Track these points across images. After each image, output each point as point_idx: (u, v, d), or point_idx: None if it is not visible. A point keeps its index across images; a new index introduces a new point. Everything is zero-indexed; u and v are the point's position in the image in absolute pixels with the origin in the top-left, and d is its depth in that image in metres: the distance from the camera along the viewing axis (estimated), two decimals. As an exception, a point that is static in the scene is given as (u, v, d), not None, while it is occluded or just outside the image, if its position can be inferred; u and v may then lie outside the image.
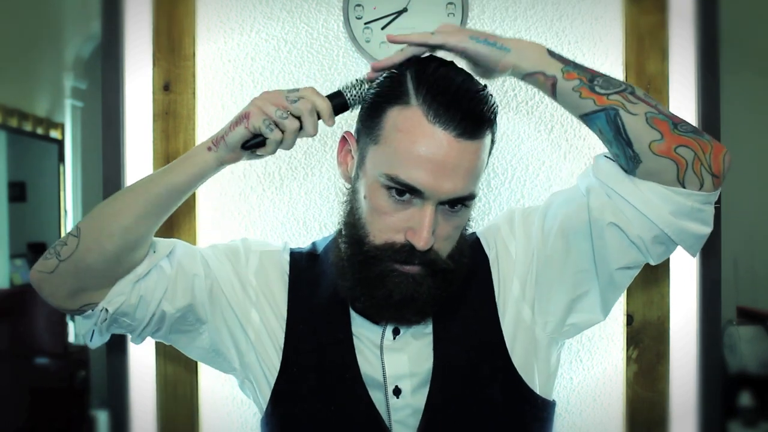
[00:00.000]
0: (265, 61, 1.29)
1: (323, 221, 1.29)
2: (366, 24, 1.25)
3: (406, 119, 0.86)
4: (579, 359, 1.29)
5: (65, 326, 3.37)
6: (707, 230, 0.90)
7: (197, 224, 1.27)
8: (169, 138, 1.27)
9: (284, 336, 0.98)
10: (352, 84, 0.92)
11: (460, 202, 0.88)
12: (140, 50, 1.28)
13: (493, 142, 0.93)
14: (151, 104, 1.27)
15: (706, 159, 0.86)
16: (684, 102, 1.28)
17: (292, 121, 0.88)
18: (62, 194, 4.10)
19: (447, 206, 0.88)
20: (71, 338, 3.79)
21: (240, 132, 0.88)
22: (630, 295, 1.28)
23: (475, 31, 0.91)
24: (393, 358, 0.95)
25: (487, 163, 0.92)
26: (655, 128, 0.86)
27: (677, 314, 1.28)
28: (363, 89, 0.92)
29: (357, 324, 0.97)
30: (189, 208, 1.27)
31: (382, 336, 0.96)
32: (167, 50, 1.27)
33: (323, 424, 0.96)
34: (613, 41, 1.29)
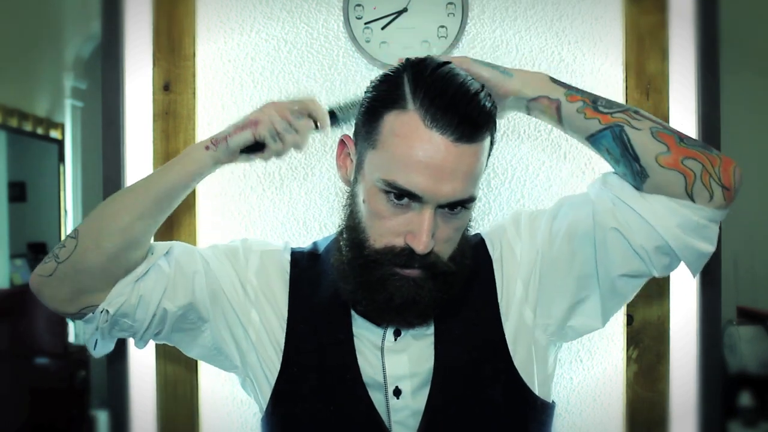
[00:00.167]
0: (265, 61, 1.29)
1: (323, 221, 1.29)
2: (366, 24, 1.25)
3: (404, 124, 0.86)
4: (579, 359, 1.29)
5: (65, 326, 3.37)
6: (710, 249, 0.90)
7: (197, 224, 1.27)
8: (169, 138, 1.27)
9: (285, 336, 0.98)
10: (345, 106, 0.97)
11: (460, 205, 0.88)
12: (140, 50, 1.28)
13: (493, 143, 0.92)
14: (151, 104, 1.27)
15: (716, 171, 0.87)
16: (684, 102, 1.28)
17: (294, 137, 0.93)
18: (62, 194, 4.10)
19: (446, 209, 0.87)
20: (71, 338, 3.79)
21: (245, 137, 0.92)
22: (630, 295, 1.28)
23: (479, 60, 0.94)
24: (393, 359, 0.95)
25: (487, 164, 0.92)
26: (661, 141, 0.87)
27: (677, 314, 1.28)
28: (351, 111, 0.97)
29: (358, 325, 0.97)
30: (189, 208, 1.27)
31: (383, 337, 0.96)
32: (167, 50, 1.27)
33: (323, 424, 0.95)
34: (613, 41, 1.29)
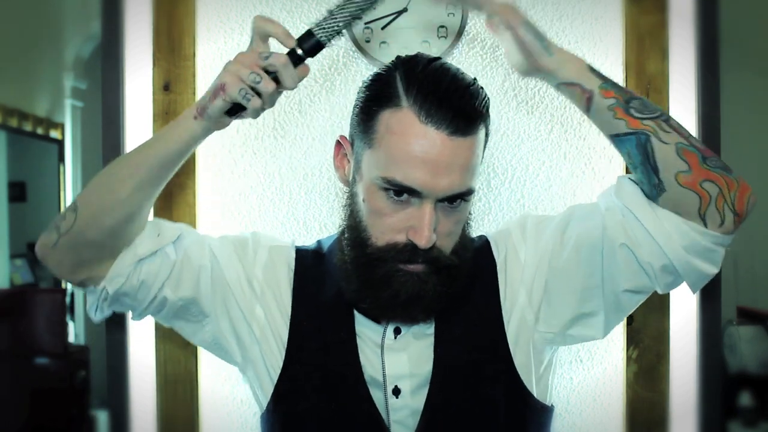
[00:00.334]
0: (265, 61, 1.29)
1: (323, 221, 1.29)
2: (366, 24, 1.25)
3: (399, 121, 0.86)
4: (579, 359, 1.29)
5: (65, 326, 3.37)
6: (714, 271, 0.90)
7: (197, 224, 1.27)
8: (169, 138, 1.26)
9: (288, 333, 0.98)
10: (320, 21, 0.88)
11: (459, 198, 0.89)
12: (140, 50, 1.28)
13: (488, 135, 0.93)
14: (151, 104, 1.27)
15: (731, 197, 0.86)
16: (684, 102, 1.28)
17: (267, 83, 0.85)
18: (62, 194, 4.10)
19: (446, 203, 0.88)
20: (71, 338, 3.79)
21: (218, 105, 0.86)
22: (630, 295, 1.28)
23: (530, 22, 0.90)
24: (393, 358, 0.96)
25: (483, 157, 0.93)
26: (684, 159, 0.85)
27: (677, 314, 1.28)
28: (334, 20, 0.87)
29: (359, 323, 0.97)
30: (189, 208, 1.27)
31: (383, 335, 0.96)
32: (167, 50, 1.27)
33: (324, 422, 0.96)
34: (613, 41, 1.28)
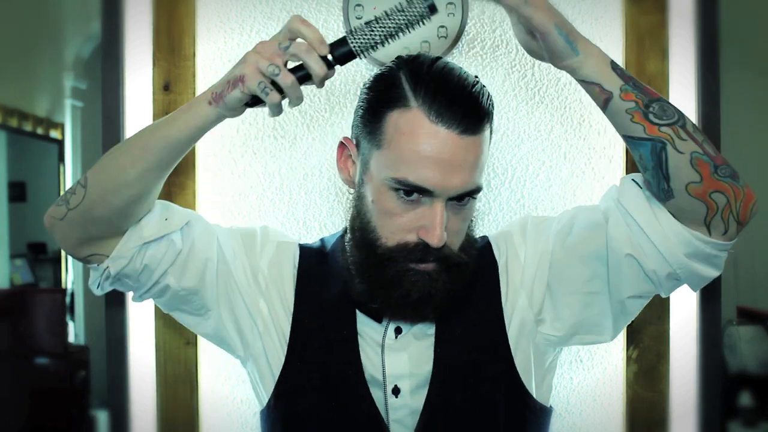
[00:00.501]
0: (265, 61, 1.28)
1: (323, 221, 1.29)
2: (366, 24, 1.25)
3: (408, 122, 0.86)
4: (579, 359, 1.29)
5: (65, 326, 3.37)
6: (717, 274, 0.90)
7: (197, 224, 1.27)
8: (169, 138, 1.26)
9: (290, 329, 0.99)
10: (359, 28, 0.86)
11: (468, 196, 0.89)
12: (140, 50, 1.28)
13: (492, 132, 0.93)
14: (151, 104, 1.27)
15: (736, 206, 0.85)
16: (684, 102, 1.28)
17: (286, 76, 0.83)
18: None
19: (455, 201, 0.88)
20: (71, 338, 3.79)
21: (237, 95, 0.85)
22: (630, 295, 1.28)
23: (560, 19, 0.85)
24: (393, 358, 0.96)
25: (488, 153, 0.93)
26: (697, 170, 0.84)
27: (677, 314, 1.28)
28: (372, 34, 0.85)
29: (361, 322, 0.98)
30: (189, 208, 1.26)
31: (384, 335, 0.96)
32: (167, 50, 1.27)
33: (324, 420, 0.96)
34: (613, 41, 1.28)
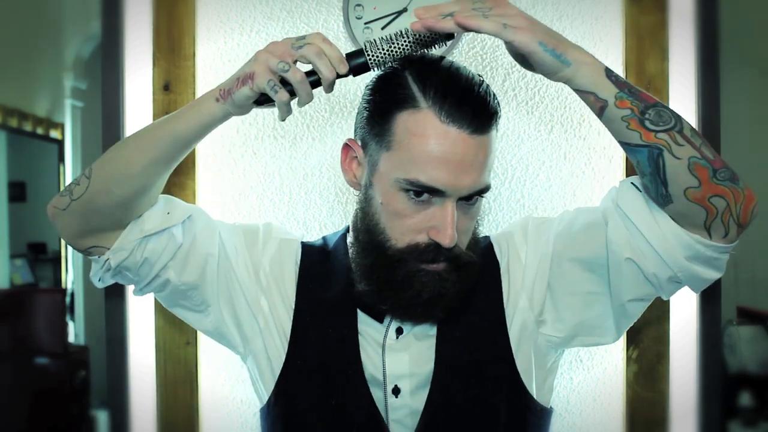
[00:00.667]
0: (265, 61, 1.28)
1: (323, 221, 1.29)
2: (366, 24, 1.25)
3: (418, 123, 0.86)
4: (579, 359, 1.29)
5: (65, 326, 3.37)
6: (718, 276, 0.90)
7: (197, 224, 1.27)
8: (169, 138, 1.26)
9: (291, 327, 0.99)
10: (379, 41, 0.87)
11: (477, 195, 0.89)
12: (140, 50, 1.28)
13: (497, 130, 0.93)
14: (151, 104, 1.27)
15: (737, 209, 0.84)
16: (684, 102, 1.28)
17: (295, 72, 0.84)
18: (62, 194, 4.09)
19: (464, 200, 0.89)
20: (71, 338, 3.79)
21: (246, 93, 0.86)
22: (630, 295, 1.27)
23: (545, 34, 0.84)
24: (394, 358, 0.96)
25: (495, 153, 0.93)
26: (695, 175, 0.83)
27: (677, 314, 1.28)
28: (388, 50, 0.86)
29: (362, 321, 0.97)
30: (189, 208, 1.27)
31: (385, 335, 0.96)
32: (167, 50, 1.27)
33: (324, 419, 0.96)
34: (613, 41, 1.28)
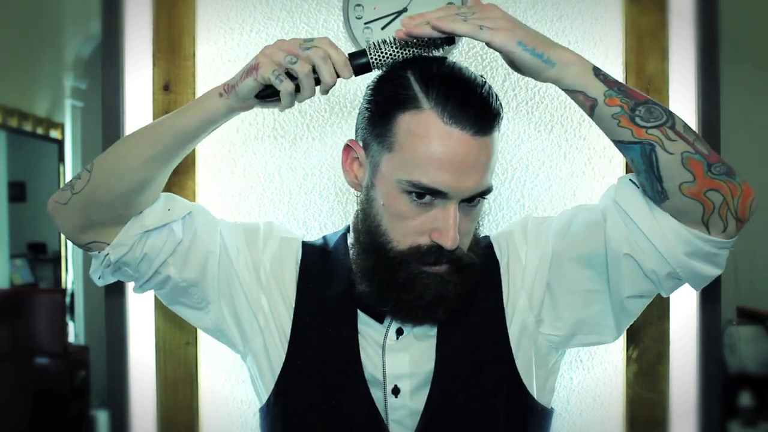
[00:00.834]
0: (265, 61, 1.28)
1: (323, 221, 1.29)
2: (366, 24, 1.25)
3: (421, 124, 0.86)
4: (579, 359, 1.29)
5: (65, 326, 3.37)
6: (718, 273, 0.89)
7: (197, 224, 1.27)
8: (169, 138, 1.26)
9: (291, 326, 0.99)
10: (381, 43, 0.88)
11: (479, 196, 0.89)
12: (140, 50, 1.28)
13: (499, 131, 0.92)
14: (151, 104, 1.27)
15: (734, 203, 0.84)
16: (684, 102, 1.28)
17: (303, 65, 0.84)
18: (62, 194, 4.09)
19: (466, 202, 0.88)
20: (71, 338, 3.79)
21: (250, 84, 0.86)
22: (630, 295, 1.27)
23: (526, 35, 0.85)
24: (394, 358, 0.96)
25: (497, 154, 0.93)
26: (689, 170, 0.83)
27: (677, 314, 1.28)
28: (391, 52, 0.88)
29: (362, 321, 0.97)
30: (189, 208, 1.27)
31: (385, 335, 0.96)
32: (167, 50, 1.27)
33: (323, 419, 0.96)
34: (613, 41, 1.28)
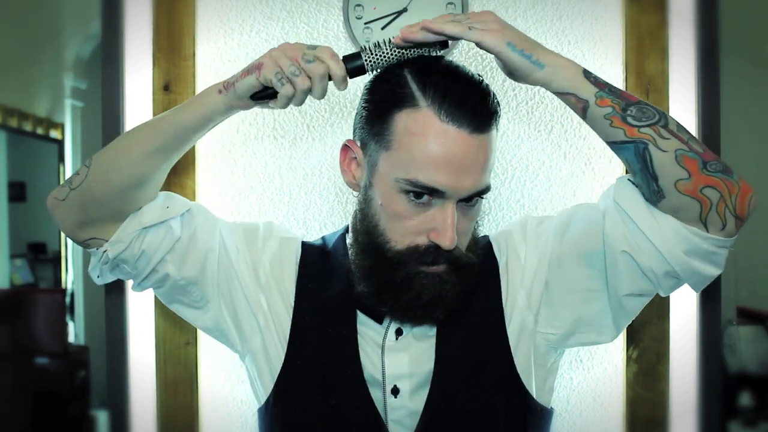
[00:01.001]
0: (265, 61, 1.29)
1: (323, 221, 1.29)
2: (366, 24, 1.25)
3: (418, 122, 0.86)
4: (579, 359, 1.29)
5: (65, 326, 3.37)
6: (717, 272, 0.89)
7: (197, 224, 1.27)
8: (169, 138, 1.26)
9: (290, 326, 0.98)
10: (374, 46, 0.89)
11: (477, 196, 0.89)
12: (140, 50, 1.28)
13: (497, 130, 0.92)
14: (151, 104, 1.27)
15: (732, 201, 0.84)
16: (684, 102, 1.28)
17: (304, 80, 0.85)
18: (62, 194, 4.09)
19: (464, 201, 0.88)
20: (71, 338, 3.79)
21: (250, 82, 0.86)
22: (630, 295, 1.27)
23: (515, 36, 0.86)
24: (393, 358, 0.96)
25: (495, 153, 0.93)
26: (684, 167, 0.83)
27: (677, 314, 1.28)
28: (385, 54, 0.89)
29: (361, 322, 0.97)
30: (189, 208, 1.27)
31: (384, 336, 0.96)
32: (167, 50, 1.27)
33: (322, 419, 0.96)
34: (613, 41, 1.29)
